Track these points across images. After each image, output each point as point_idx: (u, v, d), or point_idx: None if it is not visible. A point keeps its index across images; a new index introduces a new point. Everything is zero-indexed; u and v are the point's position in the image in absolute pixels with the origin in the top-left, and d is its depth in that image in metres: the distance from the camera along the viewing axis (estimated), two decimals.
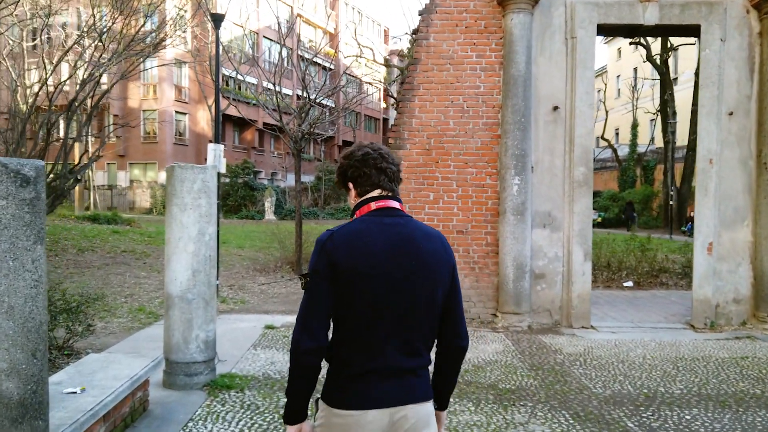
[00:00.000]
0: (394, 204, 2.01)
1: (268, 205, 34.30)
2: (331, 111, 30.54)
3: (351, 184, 2.05)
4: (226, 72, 33.41)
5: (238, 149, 43.43)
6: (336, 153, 53.19)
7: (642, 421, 4.74)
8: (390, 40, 61.51)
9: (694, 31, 8.43)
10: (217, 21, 10.04)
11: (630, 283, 11.89)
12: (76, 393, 3.73)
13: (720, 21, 8.12)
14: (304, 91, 13.01)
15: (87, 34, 12.90)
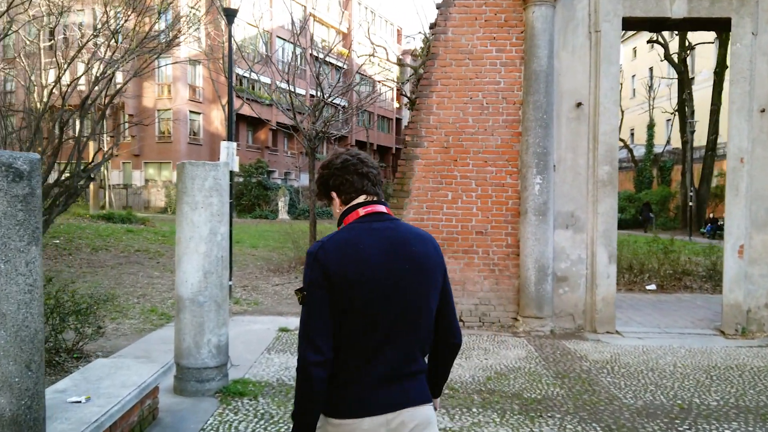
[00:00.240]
0: (381, 208, 2.00)
1: (282, 204, 34.21)
2: (344, 110, 30.37)
3: (334, 192, 2.04)
4: (239, 71, 33.33)
5: (252, 149, 43.39)
6: None
7: None
8: (403, 39, 61.28)
9: (723, 24, 8.12)
10: (230, 16, 9.86)
11: (653, 286, 11.56)
12: (80, 402, 3.53)
13: (752, 14, 7.79)
14: (318, 88, 12.80)
15: (100, 31, 12.77)
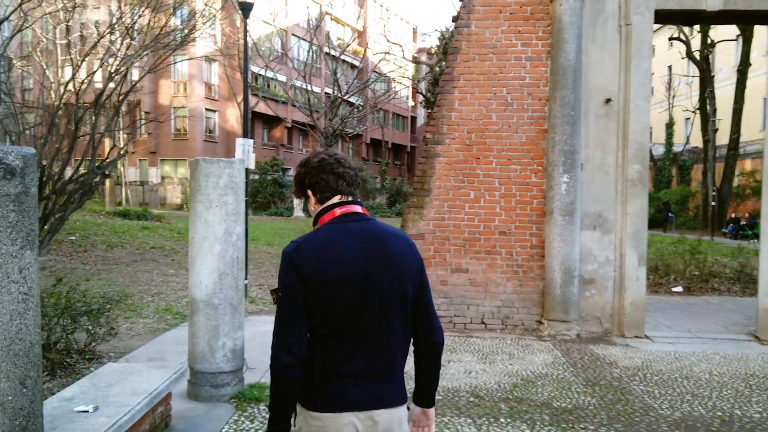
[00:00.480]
0: (356, 208, 2.02)
1: (297, 202, 34.04)
2: (360, 108, 30.16)
3: (310, 191, 2.07)
4: (254, 69, 33.26)
5: (267, 146, 43.31)
6: (364, 151, 52.83)
7: None
8: (418, 37, 60.94)
9: (762, 17, 7.76)
10: (245, 10, 9.66)
11: (679, 288, 11.20)
12: (88, 412, 3.32)
13: None
14: (335, 84, 12.60)
15: (115, 27, 12.66)
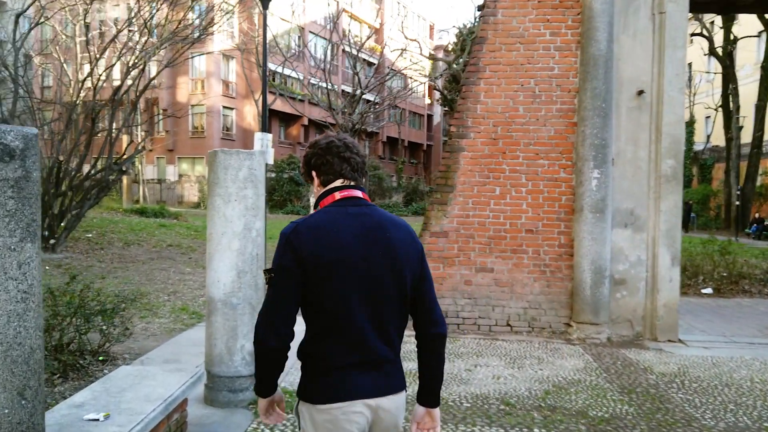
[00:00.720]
0: (357, 193, 1.99)
1: (313, 202, 33.89)
2: (377, 105, 29.91)
3: (314, 172, 2.05)
4: (272, 66, 33.15)
5: (284, 144, 43.19)
6: (380, 149, 52.58)
7: None
8: (435, 34, 60.59)
9: None
10: (264, 1, 9.44)
11: (709, 290, 10.82)
12: (98, 420, 3.10)
13: None
14: (355, 77, 12.37)
15: (133, 21, 12.53)
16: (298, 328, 1.95)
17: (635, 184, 7.38)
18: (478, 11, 8.39)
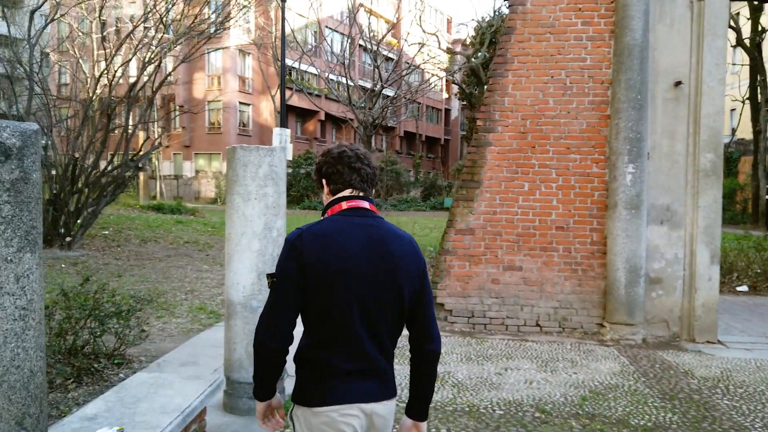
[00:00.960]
0: (364, 204, 2.02)
1: None
2: (394, 100, 29.60)
3: (325, 180, 2.08)
4: (288, 62, 32.98)
5: (301, 140, 43.06)
6: (398, 144, 52.28)
7: None
8: (453, 28, 60.09)
9: None
10: None
11: (744, 288, 10.43)
12: None
13: None
14: (375, 70, 12.09)
15: (149, 16, 12.36)
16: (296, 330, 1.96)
17: (672, 179, 7.04)
18: (505, 1, 8.06)
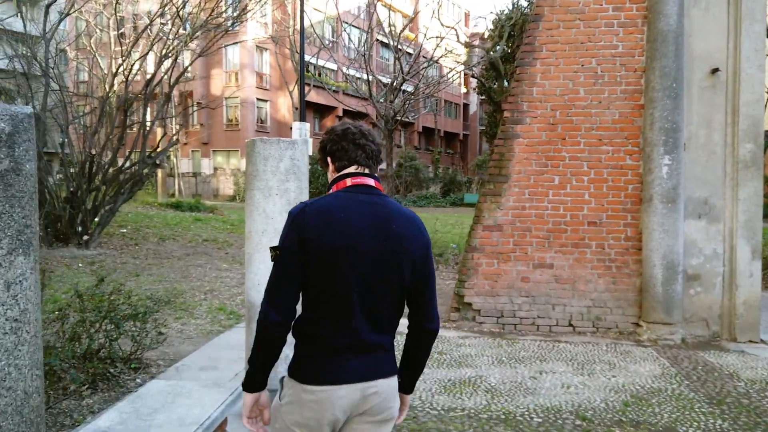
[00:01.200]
0: (369, 181, 1.99)
1: None
2: (412, 95, 29.27)
3: (329, 158, 2.05)
4: (306, 57, 32.80)
5: (319, 136, 42.67)
6: (416, 140, 51.91)
7: None
8: (471, 22, 59.47)
9: None
10: None
11: None
12: None
13: None
14: (396, 62, 11.83)
15: (166, 10, 12.21)
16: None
17: (709, 171, 6.70)
18: None
